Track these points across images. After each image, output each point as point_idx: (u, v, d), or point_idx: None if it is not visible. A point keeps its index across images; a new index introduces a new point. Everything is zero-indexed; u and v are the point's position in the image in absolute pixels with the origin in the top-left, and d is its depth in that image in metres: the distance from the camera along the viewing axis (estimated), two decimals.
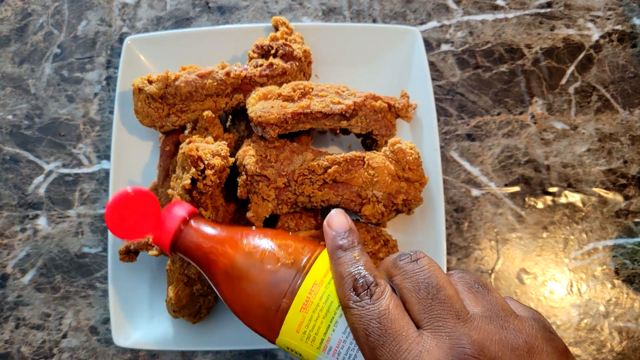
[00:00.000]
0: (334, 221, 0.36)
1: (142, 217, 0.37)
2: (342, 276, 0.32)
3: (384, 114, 0.54)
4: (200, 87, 0.53)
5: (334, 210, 0.37)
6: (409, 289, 0.30)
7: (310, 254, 0.36)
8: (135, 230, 0.37)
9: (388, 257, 0.33)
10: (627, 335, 0.57)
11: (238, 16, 0.68)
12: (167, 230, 0.38)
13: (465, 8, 0.68)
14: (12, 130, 0.64)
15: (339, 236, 0.35)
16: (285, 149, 0.52)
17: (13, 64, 0.67)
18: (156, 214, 0.38)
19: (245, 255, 0.36)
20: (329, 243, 0.35)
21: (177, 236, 0.38)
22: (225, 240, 0.37)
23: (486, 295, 0.31)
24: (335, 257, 0.34)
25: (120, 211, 0.37)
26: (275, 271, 0.34)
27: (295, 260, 0.35)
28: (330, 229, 0.35)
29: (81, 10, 0.69)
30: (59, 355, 0.58)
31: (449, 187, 0.61)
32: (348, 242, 0.34)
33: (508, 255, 0.60)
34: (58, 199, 0.62)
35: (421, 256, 0.32)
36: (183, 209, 0.39)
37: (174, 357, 0.57)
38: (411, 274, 0.31)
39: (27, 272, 0.60)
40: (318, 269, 0.35)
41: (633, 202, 0.61)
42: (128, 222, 0.37)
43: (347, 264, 0.33)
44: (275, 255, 0.35)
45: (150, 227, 0.38)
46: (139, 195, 0.37)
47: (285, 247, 0.36)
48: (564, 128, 0.64)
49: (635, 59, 0.66)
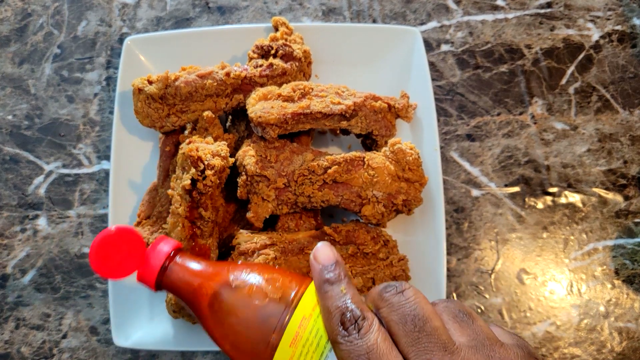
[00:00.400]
0: (321, 254, 0.36)
1: (126, 255, 0.38)
2: (330, 310, 0.32)
3: (384, 114, 0.54)
4: (200, 87, 0.53)
5: (321, 243, 0.37)
6: (396, 322, 0.30)
7: (298, 287, 0.35)
8: (120, 269, 0.37)
9: (374, 289, 0.33)
10: (627, 335, 0.57)
11: (238, 16, 0.68)
12: (152, 267, 0.38)
13: (465, 8, 0.68)
14: (12, 131, 0.64)
15: (325, 269, 0.34)
16: (285, 150, 0.52)
17: (13, 64, 0.67)
18: (141, 252, 0.38)
19: (233, 290, 0.35)
20: (316, 277, 0.35)
21: (162, 273, 0.38)
22: (212, 276, 0.37)
23: (471, 324, 0.31)
24: (322, 291, 0.34)
25: (104, 251, 0.37)
26: (264, 306, 0.34)
27: (283, 295, 0.35)
28: (316, 263, 0.35)
29: (81, 10, 0.69)
30: (59, 356, 0.58)
31: (449, 187, 0.61)
32: (335, 275, 0.34)
33: (508, 255, 0.60)
34: (58, 199, 0.62)
35: (407, 287, 0.32)
36: (168, 246, 0.38)
37: (174, 357, 0.57)
38: (397, 306, 0.31)
39: (27, 272, 0.60)
40: (306, 302, 0.34)
41: (633, 203, 0.61)
42: (113, 261, 0.37)
43: (334, 298, 0.33)
44: (263, 290, 0.35)
45: (135, 265, 0.38)
46: (123, 233, 0.38)
47: (273, 282, 0.36)
48: (564, 128, 0.64)
49: (635, 59, 0.66)
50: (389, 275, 0.50)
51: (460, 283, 0.59)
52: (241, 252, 0.49)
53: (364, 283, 0.49)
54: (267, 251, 0.48)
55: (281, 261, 0.48)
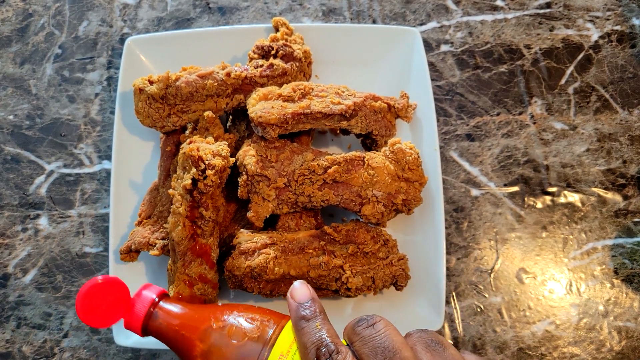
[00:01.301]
0: (297, 292, 0.37)
1: (112, 304, 0.39)
2: (306, 346, 0.34)
3: (384, 114, 0.54)
4: (201, 87, 0.54)
5: (297, 282, 0.38)
6: (367, 354, 0.32)
7: (276, 325, 0.37)
8: (107, 317, 0.39)
9: (348, 324, 0.35)
10: (626, 334, 0.57)
11: (238, 17, 0.68)
12: (137, 314, 0.39)
13: (465, 9, 0.68)
14: (13, 131, 0.64)
15: (301, 307, 0.36)
16: (285, 149, 0.52)
17: (14, 65, 0.67)
18: (126, 300, 0.40)
19: (214, 332, 0.37)
20: (293, 314, 0.36)
21: (147, 319, 0.39)
22: (195, 319, 0.39)
23: (442, 352, 0.32)
24: (299, 327, 0.35)
25: (91, 300, 0.39)
26: (242, 345, 0.36)
27: (261, 334, 0.36)
28: (293, 300, 0.37)
29: (82, 10, 0.69)
30: (60, 355, 0.58)
31: (449, 187, 0.62)
32: (310, 312, 0.35)
33: (507, 254, 0.60)
34: (59, 199, 0.62)
35: (377, 320, 0.33)
36: (152, 292, 0.40)
37: (174, 357, 0.57)
38: (368, 339, 0.32)
39: (28, 271, 0.60)
40: (284, 340, 0.36)
41: (632, 202, 0.61)
42: (99, 309, 0.39)
43: (310, 334, 0.34)
44: (242, 330, 0.37)
45: (121, 313, 0.39)
46: (109, 283, 0.39)
47: (252, 321, 0.37)
48: (563, 128, 0.64)
49: (634, 59, 0.66)
50: (389, 275, 0.50)
51: (459, 282, 0.59)
52: (241, 252, 0.49)
53: (364, 282, 0.50)
54: (268, 250, 0.49)
55: (281, 260, 0.48)
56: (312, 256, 0.49)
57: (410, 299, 0.54)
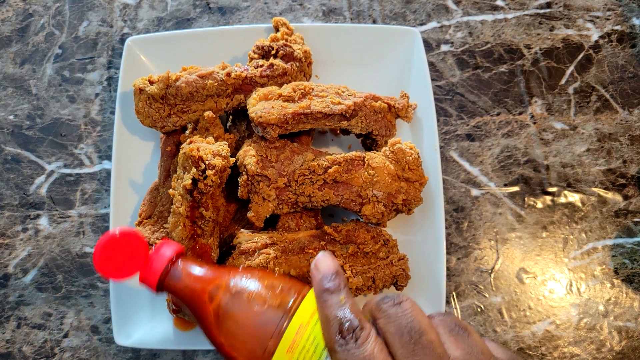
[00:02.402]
0: (322, 264, 0.36)
1: (130, 257, 0.38)
2: (329, 319, 0.33)
3: (384, 114, 0.54)
4: (201, 87, 0.54)
5: (322, 252, 0.37)
6: (393, 333, 0.31)
7: (297, 295, 0.36)
8: (123, 271, 0.38)
9: (372, 300, 0.34)
10: (626, 334, 0.57)
11: (239, 17, 0.68)
12: (154, 270, 0.38)
13: (465, 8, 0.68)
14: (13, 131, 0.64)
15: (325, 279, 0.35)
16: (285, 149, 0.52)
17: (14, 65, 0.67)
18: (144, 254, 0.39)
19: (233, 296, 0.36)
20: (316, 286, 0.35)
21: (163, 276, 0.38)
22: (212, 281, 0.37)
23: (466, 338, 0.32)
24: (322, 300, 0.34)
25: (108, 252, 0.38)
26: (262, 313, 0.35)
27: (281, 302, 0.35)
28: (317, 271, 0.36)
29: (82, 11, 0.69)
30: (61, 355, 0.58)
31: (449, 187, 0.62)
32: (335, 285, 0.34)
33: (508, 254, 0.60)
34: (59, 199, 0.62)
35: (404, 299, 0.33)
36: (170, 249, 0.39)
37: (175, 357, 0.57)
38: (394, 317, 0.32)
39: (28, 271, 0.60)
40: (305, 310, 0.35)
41: (632, 202, 0.61)
42: (116, 262, 0.38)
43: (333, 307, 0.33)
44: (262, 297, 0.35)
45: (138, 267, 0.39)
46: (127, 236, 0.38)
47: (273, 288, 0.36)
48: (563, 128, 0.64)
49: (635, 59, 0.66)
50: (389, 275, 0.50)
51: (460, 282, 0.59)
52: (242, 252, 0.49)
53: (364, 282, 0.50)
54: (268, 250, 0.49)
55: (282, 260, 0.48)
56: (312, 256, 0.49)
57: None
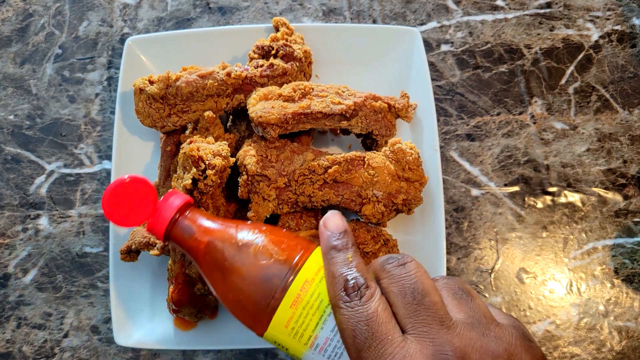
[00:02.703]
0: (330, 222, 0.36)
1: (138, 205, 0.38)
2: (334, 276, 0.33)
3: (384, 114, 0.54)
4: (201, 87, 0.54)
5: (331, 211, 0.37)
6: (395, 293, 0.31)
7: (304, 251, 0.36)
8: (131, 217, 0.38)
9: (377, 259, 0.34)
10: (626, 334, 0.57)
11: (239, 17, 0.68)
12: (162, 218, 0.38)
13: (465, 8, 0.68)
14: (13, 131, 0.64)
15: (333, 237, 0.35)
16: (285, 149, 0.52)
17: (14, 65, 0.67)
18: (152, 202, 0.39)
19: (239, 249, 0.36)
20: (324, 243, 0.35)
21: (171, 225, 0.38)
22: (219, 233, 0.37)
23: (469, 302, 0.32)
24: (328, 256, 0.34)
25: (117, 198, 0.38)
26: (268, 266, 0.35)
27: (288, 257, 0.35)
28: (325, 229, 0.36)
29: (82, 10, 0.69)
30: (61, 355, 0.58)
31: (449, 187, 0.62)
32: (342, 243, 0.34)
33: (508, 254, 0.60)
34: (59, 199, 0.62)
35: (408, 260, 0.33)
36: (179, 199, 0.39)
37: (175, 357, 0.57)
38: (398, 278, 0.31)
39: (28, 271, 0.60)
40: (310, 266, 0.35)
41: (632, 202, 0.61)
42: (124, 208, 0.38)
43: (339, 265, 0.33)
44: (268, 251, 0.35)
45: (146, 215, 0.38)
46: (136, 182, 0.38)
47: (279, 244, 0.36)
48: (563, 128, 0.64)
49: (635, 59, 0.66)
50: None
51: None
52: None
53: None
54: None
55: None
56: None
57: None
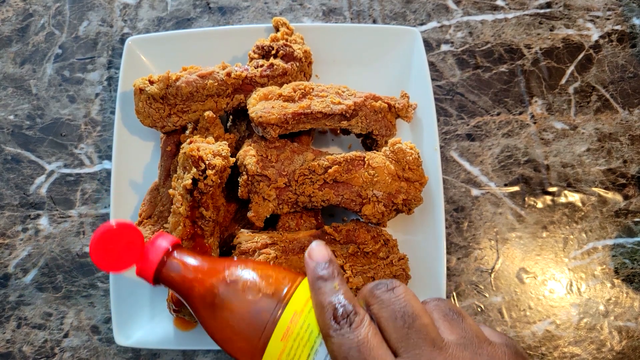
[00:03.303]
0: (315, 252, 0.37)
1: (125, 250, 0.38)
2: (323, 305, 0.33)
3: (384, 114, 0.54)
4: (201, 87, 0.54)
5: (315, 241, 0.38)
6: (386, 318, 0.31)
7: (291, 283, 0.36)
8: (119, 263, 0.38)
9: (366, 286, 0.34)
10: (626, 334, 0.57)
11: (239, 17, 0.68)
12: (150, 262, 0.38)
13: (465, 8, 0.68)
14: (13, 131, 0.64)
15: (319, 267, 0.35)
16: (285, 149, 0.52)
17: (14, 65, 0.67)
18: (140, 246, 0.39)
19: (227, 286, 0.36)
20: (310, 273, 0.36)
21: (160, 268, 0.38)
22: (208, 271, 0.38)
23: (460, 322, 0.32)
24: (316, 287, 0.34)
25: (104, 244, 0.38)
26: (257, 301, 0.35)
27: (275, 290, 0.36)
28: (311, 260, 0.36)
29: (82, 10, 0.69)
30: (61, 355, 0.58)
31: (449, 187, 0.62)
32: (328, 272, 0.35)
33: (508, 254, 0.60)
34: (59, 199, 0.62)
35: (397, 285, 0.33)
36: (166, 241, 0.39)
37: (175, 357, 0.57)
38: (387, 303, 0.32)
39: (28, 271, 0.60)
40: (298, 298, 0.35)
41: (632, 202, 0.61)
42: (112, 254, 0.38)
43: (327, 294, 0.33)
44: (256, 286, 0.36)
45: (134, 259, 0.39)
46: (122, 228, 0.38)
47: (267, 278, 0.36)
48: (563, 128, 0.64)
49: (635, 59, 0.66)
50: (389, 274, 0.50)
51: (460, 282, 0.59)
52: (242, 252, 0.49)
53: (364, 282, 0.50)
54: (268, 250, 0.49)
55: (282, 260, 0.48)
56: None
57: None
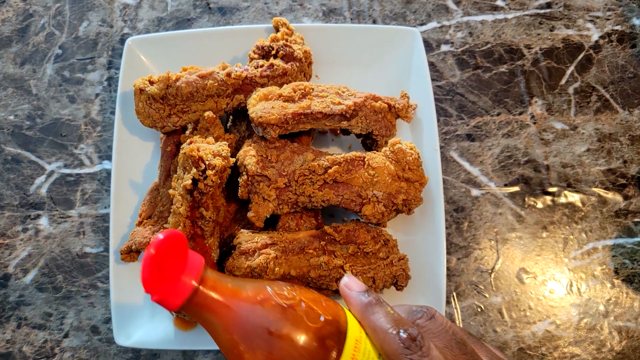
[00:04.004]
0: (352, 283, 0.37)
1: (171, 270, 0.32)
2: (385, 331, 0.32)
3: (384, 114, 0.54)
4: (201, 87, 0.54)
5: (346, 274, 0.38)
6: (442, 348, 0.33)
7: (342, 309, 0.34)
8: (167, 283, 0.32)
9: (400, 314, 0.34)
10: (626, 334, 0.57)
11: (239, 17, 0.68)
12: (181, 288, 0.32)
13: (465, 9, 0.68)
14: (13, 131, 0.64)
15: (363, 295, 0.35)
16: (285, 149, 0.52)
17: (15, 65, 0.67)
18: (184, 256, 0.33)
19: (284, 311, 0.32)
20: (356, 302, 0.35)
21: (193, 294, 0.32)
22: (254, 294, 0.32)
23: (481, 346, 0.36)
24: (369, 313, 0.34)
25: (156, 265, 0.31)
26: (319, 329, 0.32)
27: (334, 317, 0.33)
28: (349, 290, 0.36)
29: (82, 11, 0.69)
30: (61, 355, 0.58)
31: (449, 187, 0.62)
32: (374, 298, 0.35)
33: (508, 254, 0.60)
34: (59, 199, 0.62)
35: (434, 312, 0.35)
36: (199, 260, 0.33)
37: (175, 357, 0.57)
38: (437, 332, 0.33)
39: (28, 272, 0.60)
40: (353, 324, 0.34)
41: (632, 202, 0.61)
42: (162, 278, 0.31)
43: (386, 319, 0.33)
44: (315, 311, 0.32)
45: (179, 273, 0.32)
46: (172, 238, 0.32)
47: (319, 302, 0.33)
48: (563, 128, 0.64)
49: (635, 59, 0.66)
50: (389, 275, 0.50)
51: (460, 282, 0.59)
52: (242, 252, 0.49)
53: (364, 282, 0.50)
54: (268, 250, 0.49)
55: (282, 260, 0.48)
56: (312, 256, 0.49)
57: (410, 299, 0.54)
